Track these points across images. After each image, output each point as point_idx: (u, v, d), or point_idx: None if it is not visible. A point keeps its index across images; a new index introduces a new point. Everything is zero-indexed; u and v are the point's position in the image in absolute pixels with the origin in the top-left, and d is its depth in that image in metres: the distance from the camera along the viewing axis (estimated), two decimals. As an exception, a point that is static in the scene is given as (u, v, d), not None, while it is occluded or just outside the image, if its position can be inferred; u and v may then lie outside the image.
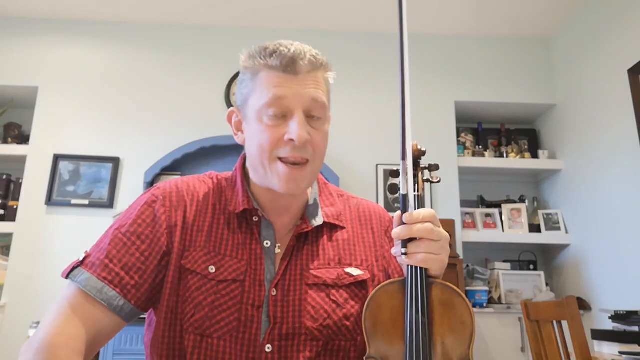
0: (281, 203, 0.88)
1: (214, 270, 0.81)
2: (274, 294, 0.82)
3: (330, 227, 0.90)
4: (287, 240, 0.88)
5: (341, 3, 3.07)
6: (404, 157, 0.76)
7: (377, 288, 0.78)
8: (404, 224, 0.76)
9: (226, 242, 0.84)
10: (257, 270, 0.83)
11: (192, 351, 0.79)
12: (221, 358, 0.78)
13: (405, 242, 0.76)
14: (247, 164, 0.90)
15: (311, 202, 0.91)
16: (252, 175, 0.89)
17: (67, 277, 0.79)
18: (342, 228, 0.91)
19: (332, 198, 0.95)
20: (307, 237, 0.88)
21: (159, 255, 0.81)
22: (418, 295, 0.73)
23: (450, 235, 2.80)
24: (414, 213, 0.75)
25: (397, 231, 0.76)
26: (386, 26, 3.27)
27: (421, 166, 0.86)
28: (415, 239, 0.76)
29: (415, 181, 0.81)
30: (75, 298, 0.76)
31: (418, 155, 0.85)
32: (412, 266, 0.76)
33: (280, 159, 0.81)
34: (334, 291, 0.84)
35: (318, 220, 0.89)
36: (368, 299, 0.77)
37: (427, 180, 0.86)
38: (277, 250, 0.86)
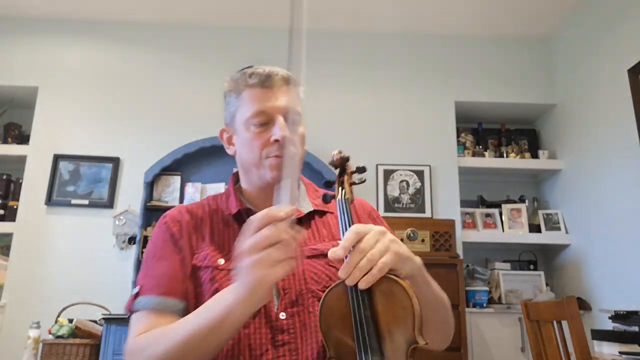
0: (273, 200, 0.93)
1: (223, 262, 0.92)
2: None
3: (320, 214, 1.03)
4: None
5: (342, 3, 3.08)
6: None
7: (325, 293, 0.81)
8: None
9: (228, 240, 0.96)
10: None
11: None
12: (246, 332, 0.87)
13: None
14: (240, 172, 1.04)
15: (298, 194, 1.04)
16: (245, 182, 1.03)
17: (130, 310, 0.90)
18: (331, 213, 1.03)
19: (318, 193, 1.09)
20: (300, 223, 0.98)
21: (182, 262, 0.95)
22: (358, 291, 0.76)
23: (450, 235, 2.83)
24: (360, 247, 0.75)
25: (341, 273, 0.76)
26: (387, 27, 3.27)
27: (349, 171, 0.98)
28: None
29: (343, 187, 0.95)
30: (146, 318, 0.88)
31: (342, 163, 0.99)
32: None
33: (268, 157, 0.96)
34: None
35: (307, 207, 1.01)
36: (319, 305, 0.81)
37: (353, 183, 0.98)
38: None
